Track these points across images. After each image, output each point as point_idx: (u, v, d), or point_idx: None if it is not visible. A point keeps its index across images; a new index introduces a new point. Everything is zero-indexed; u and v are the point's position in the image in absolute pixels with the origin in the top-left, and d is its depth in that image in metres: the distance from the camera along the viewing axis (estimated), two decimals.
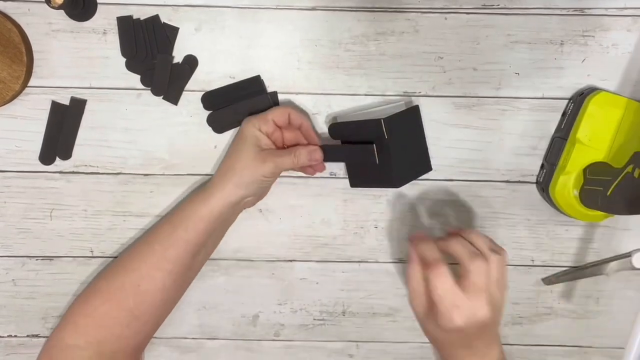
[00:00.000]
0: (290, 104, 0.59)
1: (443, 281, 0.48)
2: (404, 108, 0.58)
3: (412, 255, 0.51)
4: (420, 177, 0.60)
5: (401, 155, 0.55)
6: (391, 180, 0.55)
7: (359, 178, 0.59)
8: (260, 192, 0.59)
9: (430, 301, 0.49)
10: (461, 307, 0.47)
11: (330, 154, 0.57)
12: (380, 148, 0.54)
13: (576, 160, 0.56)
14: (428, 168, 0.60)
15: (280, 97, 0.60)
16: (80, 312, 0.56)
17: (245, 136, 0.56)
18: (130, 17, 0.58)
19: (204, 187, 0.58)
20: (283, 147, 0.59)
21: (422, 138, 0.59)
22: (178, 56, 0.59)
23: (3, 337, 0.64)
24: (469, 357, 0.51)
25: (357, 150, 0.56)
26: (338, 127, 0.58)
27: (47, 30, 0.58)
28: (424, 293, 0.50)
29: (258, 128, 0.56)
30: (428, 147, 0.60)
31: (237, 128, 0.60)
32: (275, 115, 0.56)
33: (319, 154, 0.56)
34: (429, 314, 0.50)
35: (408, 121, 0.57)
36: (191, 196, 0.58)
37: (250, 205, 0.60)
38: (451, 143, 0.60)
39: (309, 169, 0.59)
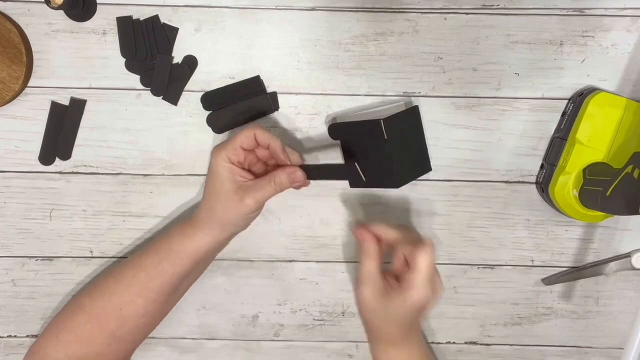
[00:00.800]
0: (255, 126, 0.54)
1: (431, 257, 0.51)
2: (403, 108, 0.58)
3: (367, 235, 0.54)
4: (420, 178, 0.60)
5: (401, 156, 0.55)
6: (391, 181, 0.55)
7: (359, 179, 0.59)
8: (249, 222, 0.57)
9: (382, 284, 0.53)
10: (432, 281, 0.52)
11: (312, 174, 0.55)
12: (377, 151, 0.54)
13: (576, 161, 0.56)
14: (428, 168, 0.60)
15: (280, 97, 0.60)
16: (64, 326, 0.56)
17: (218, 172, 0.53)
18: (129, 17, 0.58)
19: (190, 220, 0.56)
20: (261, 172, 0.57)
21: (421, 138, 0.59)
22: (178, 56, 0.59)
23: (3, 337, 0.64)
24: (405, 337, 0.55)
25: (340, 169, 0.55)
26: (337, 128, 0.58)
27: (47, 30, 0.58)
28: (378, 278, 0.53)
29: (228, 160, 0.53)
30: (428, 147, 0.60)
31: (236, 129, 0.60)
32: (241, 140, 0.53)
33: (299, 174, 0.53)
34: (381, 297, 0.52)
35: (408, 121, 0.57)
36: (178, 229, 0.56)
37: (239, 232, 0.58)
38: (451, 143, 0.60)
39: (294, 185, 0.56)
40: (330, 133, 0.58)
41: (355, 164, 0.53)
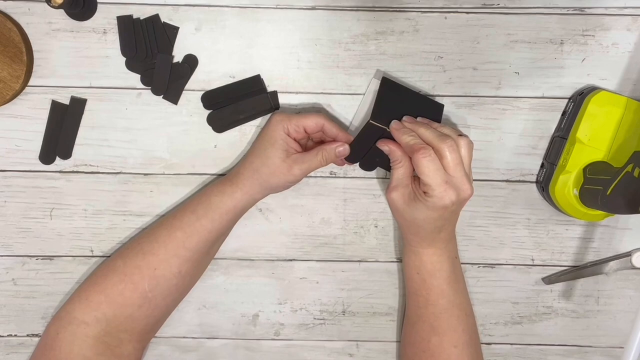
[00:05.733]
0: (323, 112, 0.58)
1: (431, 162, 0.50)
2: (377, 83, 0.56)
3: (393, 146, 0.54)
4: None
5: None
6: None
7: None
8: (286, 189, 0.59)
9: (411, 189, 0.53)
10: (449, 183, 0.50)
11: (356, 154, 0.57)
12: (389, 135, 0.54)
13: (576, 160, 0.56)
14: (440, 107, 0.58)
15: (281, 96, 0.60)
16: (94, 288, 0.56)
17: (274, 138, 0.55)
18: (130, 16, 0.58)
19: (228, 178, 0.57)
20: (305, 144, 0.58)
21: (412, 94, 0.57)
22: (178, 55, 0.59)
23: (3, 336, 0.64)
24: (433, 241, 0.55)
25: (365, 132, 0.55)
26: (351, 153, 0.57)
27: (47, 29, 0.58)
28: (407, 182, 0.54)
29: (287, 132, 0.55)
30: (420, 91, 0.59)
31: (236, 128, 0.60)
32: (308, 123, 0.55)
33: (346, 148, 0.56)
34: (409, 201, 0.53)
35: (389, 95, 0.56)
36: (216, 186, 0.57)
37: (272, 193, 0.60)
38: None
39: (337, 160, 0.58)
40: (349, 161, 0.58)
41: (371, 121, 0.53)
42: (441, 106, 0.58)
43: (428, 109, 0.57)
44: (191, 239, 0.56)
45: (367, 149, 0.56)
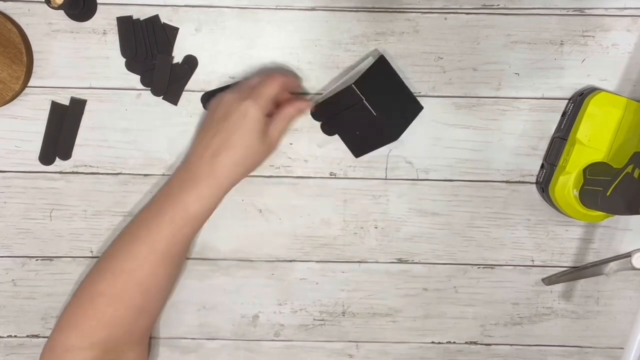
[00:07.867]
0: (276, 75, 0.55)
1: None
2: (369, 63, 0.56)
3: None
4: (420, 177, 0.60)
5: (387, 108, 0.55)
6: (388, 135, 0.56)
7: (360, 146, 0.58)
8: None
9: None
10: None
11: (324, 112, 0.58)
12: (363, 114, 0.54)
13: (576, 161, 0.56)
14: (418, 109, 0.58)
15: None
16: (84, 314, 0.55)
17: (255, 128, 0.52)
18: (130, 17, 0.58)
19: (203, 182, 0.53)
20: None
21: (400, 84, 0.58)
22: (178, 56, 0.59)
23: (3, 337, 0.64)
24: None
25: (342, 93, 0.54)
26: (319, 110, 0.58)
27: (47, 30, 0.58)
28: None
29: (264, 114, 0.53)
30: (410, 89, 0.59)
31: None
32: (270, 92, 0.53)
33: (304, 104, 0.57)
34: None
35: (380, 74, 0.56)
36: (191, 193, 0.53)
37: None
38: (451, 143, 0.60)
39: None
40: (315, 118, 0.58)
41: (353, 85, 0.53)
42: (419, 108, 0.58)
43: (406, 104, 0.57)
44: (174, 248, 0.55)
45: (335, 112, 0.56)
